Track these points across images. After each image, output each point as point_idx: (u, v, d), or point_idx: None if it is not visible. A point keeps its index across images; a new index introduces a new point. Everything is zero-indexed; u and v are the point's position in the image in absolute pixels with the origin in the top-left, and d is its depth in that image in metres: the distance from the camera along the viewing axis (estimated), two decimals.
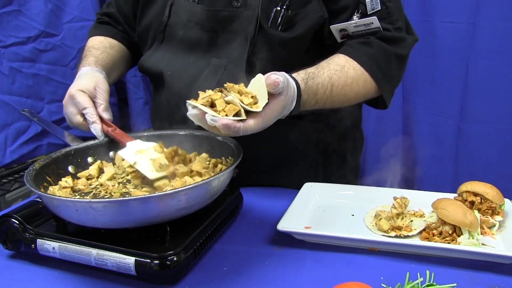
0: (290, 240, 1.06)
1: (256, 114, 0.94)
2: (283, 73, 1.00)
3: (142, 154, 1.09)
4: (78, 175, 1.15)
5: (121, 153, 1.12)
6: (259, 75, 0.98)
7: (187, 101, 0.96)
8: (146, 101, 2.43)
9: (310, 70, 1.15)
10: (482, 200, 1.07)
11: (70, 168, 1.16)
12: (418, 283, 0.85)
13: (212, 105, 0.95)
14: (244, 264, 0.98)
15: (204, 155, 1.18)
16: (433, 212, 1.06)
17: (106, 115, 1.21)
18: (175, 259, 0.89)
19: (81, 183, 1.11)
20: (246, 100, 0.94)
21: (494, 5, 1.79)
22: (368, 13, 1.23)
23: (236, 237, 1.09)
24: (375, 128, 2.23)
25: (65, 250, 0.95)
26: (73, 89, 1.22)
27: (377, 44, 1.24)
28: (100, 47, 1.42)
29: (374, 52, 1.24)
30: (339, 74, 1.19)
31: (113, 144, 1.22)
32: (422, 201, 1.14)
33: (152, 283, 0.92)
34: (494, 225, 1.05)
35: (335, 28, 1.26)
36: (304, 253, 1.01)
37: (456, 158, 2.00)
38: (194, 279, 0.94)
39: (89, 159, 1.20)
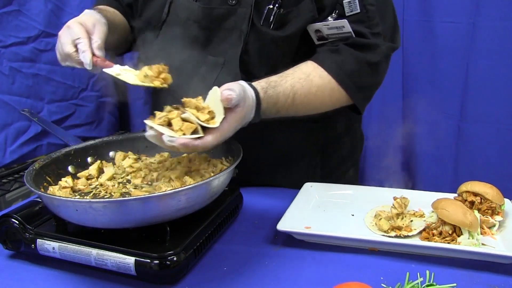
0: (290, 240, 1.06)
1: (213, 129, 0.96)
2: (240, 84, 1.02)
3: (127, 70, 1.10)
4: (78, 175, 1.15)
5: (106, 69, 1.11)
6: (215, 88, 1.00)
7: (145, 121, 0.97)
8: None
9: (273, 78, 1.15)
10: (482, 200, 1.07)
11: (70, 168, 1.16)
12: (418, 283, 0.85)
13: (169, 123, 0.96)
14: (244, 264, 0.98)
15: (204, 155, 1.18)
16: (433, 212, 1.06)
17: (99, 52, 1.16)
18: (175, 259, 0.89)
19: (81, 183, 1.11)
20: (203, 117, 0.96)
21: (494, 5, 1.79)
22: (346, 15, 1.20)
23: (236, 237, 1.09)
24: (375, 128, 2.23)
25: (65, 250, 0.95)
26: (71, 21, 1.19)
27: (346, 51, 1.21)
28: (108, 9, 1.39)
29: (343, 59, 1.21)
30: (303, 82, 1.17)
31: (113, 144, 1.22)
32: (422, 201, 1.14)
33: (152, 283, 0.92)
34: (494, 225, 1.05)
35: (310, 28, 1.24)
36: (304, 253, 1.01)
37: (456, 158, 2.00)
38: (194, 279, 0.94)
39: (89, 159, 1.21)
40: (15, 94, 1.98)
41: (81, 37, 1.15)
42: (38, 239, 0.98)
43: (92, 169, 1.16)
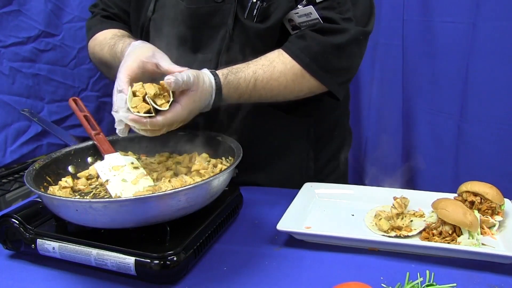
0: (290, 240, 1.06)
1: (164, 111, 1.01)
2: (194, 70, 1.06)
3: (117, 172, 1.10)
4: (78, 175, 1.15)
5: (96, 166, 1.13)
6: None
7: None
8: None
9: (237, 65, 1.19)
10: (482, 200, 1.07)
11: (70, 168, 1.16)
12: (418, 283, 0.85)
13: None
14: (244, 264, 0.98)
15: (204, 155, 1.18)
16: (433, 212, 1.06)
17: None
18: (175, 259, 0.89)
19: (81, 183, 1.11)
20: (159, 101, 1.00)
21: (494, 5, 1.78)
22: (316, 1, 1.22)
23: (236, 237, 1.09)
24: (375, 128, 2.23)
25: (65, 250, 0.95)
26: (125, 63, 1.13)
27: (310, 36, 1.22)
28: (125, 35, 1.39)
29: (307, 43, 1.22)
30: (265, 68, 1.20)
31: (113, 144, 1.22)
32: (422, 201, 1.14)
33: (152, 283, 0.92)
34: (494, 225, 1.05)
35: (285, 18, 1.26)
36: (304, 253, 1.01)
37: (456, 158, 1.99)
38: (194, 279, 0.94)
39: (89, 159, 1.21)
40: (15, 94, 1.97)
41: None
42: (38, 239, 0.98)
43: (92, 169, 1.16)
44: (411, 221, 1.07)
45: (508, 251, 0.95)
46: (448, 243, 0.99)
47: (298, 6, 1.23)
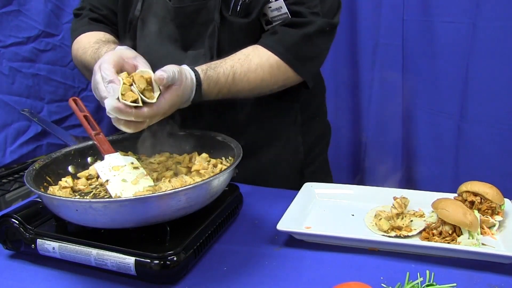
0: (290, 240, 1.06)
1: (150, 103, 1.01)
2: (177, 66, 1.07)
3: (117, 172, 1.10)
4: (78, 175, 1.15)
5: (96, 166, 1.13)
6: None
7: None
8: None
9: (215, 61, 1.23)
10: (482, 200, 1.07)
11: (70, 168, 1.16)
12: (418, 283, 0.85)
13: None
14: (244, 264, 0.98)
15: (204, 155, 1.18)
16: (433, 212, 1.06)
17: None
18: (175, 259, 0.89)
19: (81, 183, 1.11)
20: (148, 93, 1.01)
21: (494, 5, 1.78)
22: None
23: (236, 237, 1.09)
24: (375, 128, 2.23)
25: (65, 250, 0.95)
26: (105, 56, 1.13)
27: (281, 30, 1.28)
28: (110, 40, 1.40)
29: (280, 36, 1.27)
30: (242, 62, 1.24)
31: (113, 144, 1.21)
32: (422, 201, 1.14)
33: (152, 283, 0.92)
34: (494, 225, 1.05)
35: (260, 14, 1.31)
36: (304, 253, 1.01)
37: (456, 158, 1.99)
38: (194, 279, 0.94)
39: (89, 159, 1.21)
40: (15, 94, 1.97)
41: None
42: (38, 239, 0.98)
43: (92, 169, 1.16)
44: (411, 221, 1.07)
45: (508, 251, 0.95)
46: (448, 243, 0.99)
47: (270, 1, 1.28)
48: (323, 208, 1.19)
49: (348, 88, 2.21)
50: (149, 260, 0.89)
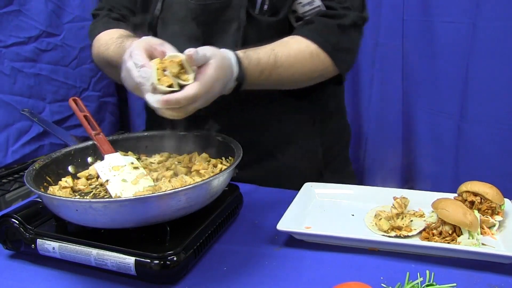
0: (290, 240, 1.06)
1: (193, 84, 0.98)
2: (208, 47, 1.04)
3: (117, 172, 1.10)
4: (78, 175, 1.15)
5: (96, 166, 1.13)
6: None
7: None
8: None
9: (252, 48, 1.20)
10: (482, 200, 1.07)
11: (70, 168, 1.16)
12: (418, 283, 0.85)
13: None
14: (244, 264, 0.98)
15: (204, 155, 1.18)
16: (433, 212, 1.06)
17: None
18: (175, 259, 0.89)
19: (81, 183, 1.11)
20: (183, 76, 0.99)
21: (494, 5, 1.78)
22: None
23: (236, 237, 1.09)
24: (375, 128, 2.23)
25: (65, 250, 0.95)
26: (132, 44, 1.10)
27: (317, 20, 1.27)
28: (131, 35, 1.36)
29: (316, 26, 1.26)
30: (282, 47, 1.22)
31: (113, 144, 1.21)
32: (422, 201, 1.14)
33: (152, 283, 0.92)
34: (494, 225, 1.05)
35: (288, 11, 1.30)
36: (304, 253, 1.01)
37: (456, 158, 1.99)
38: (194, 279, 0.94)
39: (89, 159, 1.20)
40: (17, 94, 1.98)
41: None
42: (38, 239, 0.98)
43: (92, 169, 1.16)
44: (411, 221, 1.07)
45: (508, 251, 0.95)
46: (448, 243, 0.99)
47: None
48: (323, 208, 1.19)
49: (348, 88, 2.22)
50: (149, 260, 0.89)
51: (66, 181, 1.10)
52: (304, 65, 1.24)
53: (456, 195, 1.13)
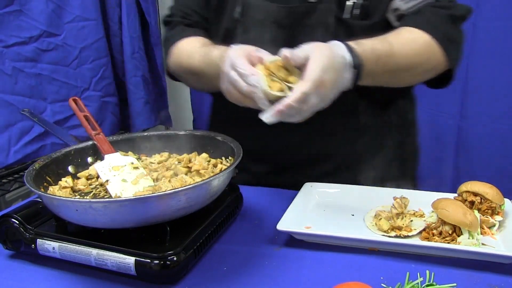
0: (290, 240, 1.06)
1: (304, 80, 0.96)
2: (308, 43, 1.01)
3: (117, 172, 1.10)
4: (78, 175, 1.15)
5: (96, 166, 1.13)
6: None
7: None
8: (146, 101, 2.44)
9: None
10: (482, 200, 1.07)
11: (70, 168, 1.16)
12: (418, 283, 0.85)
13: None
14: (244, 264, 0.98)
15: (204, 155, 1.18)
16: (433, 212, 1.06)
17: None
18: (175, 259, 0.89)
19: (81, 183, 1.11)
20: (291, 78, 0.99)
21: (494, 5, 1.79)
22: None
23: (236, 237, 1.09)
24: None
25: (65, 250, 0.95)
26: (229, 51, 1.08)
27: (428, 10, 1.20)
28: (213, 43, 1.34)
29: (426, 16, 1.19)
30: (394, 36, 1.15)
31: (113, 144, 1.22)
32: (422, 201, 1.14)
33: (152, 283, 0.92)
34: (494, 225, 1.05)
35: (388, 11, 1.23)
36: (304, 253, 1.01)
37: (456, 158, 1.99)
38: (194, 279, 0.94)
39: (89, 159, 1.21)
40: (18, 94, 1.98)
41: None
42: (38, 239, 0.98)
43: (92, 169, 1.16)
44: (411, 221, 1.07)
45: (508, 251, 0.95)
46: (448, 243, 0.99)
47: None
48: (323, 208, 1.19)
49: None
50: (149, 260, 0.89)
51: (66, 181, 1.10)
52: (419, 54, 1.17)
53: (456, 195, 1.13)
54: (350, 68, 1.04)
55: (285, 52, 0.97)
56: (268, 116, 0.96)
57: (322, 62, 0.97)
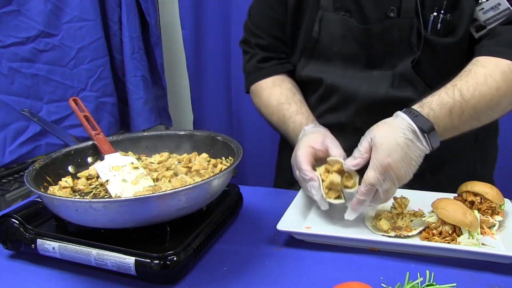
0: (290, 240, 1.06)
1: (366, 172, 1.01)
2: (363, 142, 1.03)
3: (117, 172, 1.10)
4: (78, 175, 1.14)
5: (96, 166, 1.13)
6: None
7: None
8: (146, 101, 2.43)
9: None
10: (482, 200, 1.08)
11: (70, 168, 1.16)
12: (418, 283, 0.85)
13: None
14: (244, 264, 0.98)
15: (204, 155, 1.18)
16: (433, 212, 1.06)
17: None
18: (175, 259, 0.89)
19: (81, 183, 1.11)
20: (348, 182, 1.06)
21: None
22: None
23: (236, 237, 1.09)
24: None
25: (65, 250, 0.95)
26: (298, 150, 1.13)
27: (504, 30, 1.12)
28: (289, 97, 1.34)
29: (504, 37, 1.11)
30: (464, 78, 1.08)
31: (113, 144, 1.21)
32: (422, 201, 1.14)
33: (152, 283, 0.92)
34: (494, 225, 1.05)
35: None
36: (304, 253, 1.01)
37: None
38: (194, 279, 0.94)
39: (89, 159, 1.20)
40: (14, 94, 1.98)
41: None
42: (38, 239, 0.98)
43: (92, 169, 1.16)
44: (411, 221, 1.07)
45: (508, 251, 0.95)
46: (448, 243, 0.99)
47: (480, 1, 1.14)
48: None
49: None
50: (149, 260, 0.89)
51: (66, 181, 1.09)
52: (498, 87, 1.07)
53: (456, 195, 1.13)
54: (421, 135, 1.02)
55: (347, 164, 1.03)
56: (349, 216, 1.05)
57: (383, 146, 0.99)
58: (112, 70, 2.36)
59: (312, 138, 1.14)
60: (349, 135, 1.17)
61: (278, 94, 1.35)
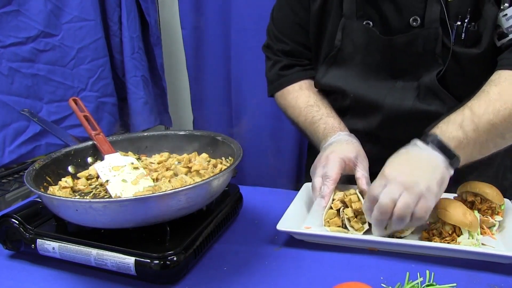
0: (290, 240, 1.06)
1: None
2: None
3: (117, 172, 1.10)
4: (78, 175, 1.14)
5: (96, 166, 1.13)
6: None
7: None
8: (146, 101, 2.43)
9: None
10: (482, 200, 1.08)
11: (70, 168, 1.16)
12: (418, 283, 0.85)
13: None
14: (244, 264, 0.98)
15: (204, 155, 1.18)
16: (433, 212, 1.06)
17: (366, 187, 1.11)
18: (175, 259, 0.89)
19: (81, 183, 1.11)
20: (356, 225, 1.04)
21: None
22: None
23: (236, 237, 1.09)
24: None
25: (65, 250, 0.95)
26: (332, 154, 1.14)
27: None
28: (318, 100, 1.34)
29: None
30: (477, 98, 1.06)
31: (113, 144, 1.22)
32: None
33: (152, 283, 0.92)
34: (494, 225, 1.05)
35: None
36: (304, 253, 1.01)
37: None
38: (194, 279, 0.94)
39: (89, 159, 1.20)
40: (14, 94, 1.97)
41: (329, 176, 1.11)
42: (38, 239, 0.98)
43: (92, 169, 1.16)
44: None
45: (508, 251, 0.95)
46: (448, 243, 0.99)
47: (505, 4, 1.10)
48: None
49: None
50: (149, 260, 0.89)
51: (66, 181, 1.10)
52: None
53: (456, 195, 1.13)
54: (443, 156, 1.02)
55: (361, 185, 1.07)
56: (377, 235, 1.01)
57: (391, 163, 1.01)
58: (112, 70, 2.36)
59: (347, 150, 1.14)
60: (370, 144, 1.18)
61: (306, 97, 1.35)
